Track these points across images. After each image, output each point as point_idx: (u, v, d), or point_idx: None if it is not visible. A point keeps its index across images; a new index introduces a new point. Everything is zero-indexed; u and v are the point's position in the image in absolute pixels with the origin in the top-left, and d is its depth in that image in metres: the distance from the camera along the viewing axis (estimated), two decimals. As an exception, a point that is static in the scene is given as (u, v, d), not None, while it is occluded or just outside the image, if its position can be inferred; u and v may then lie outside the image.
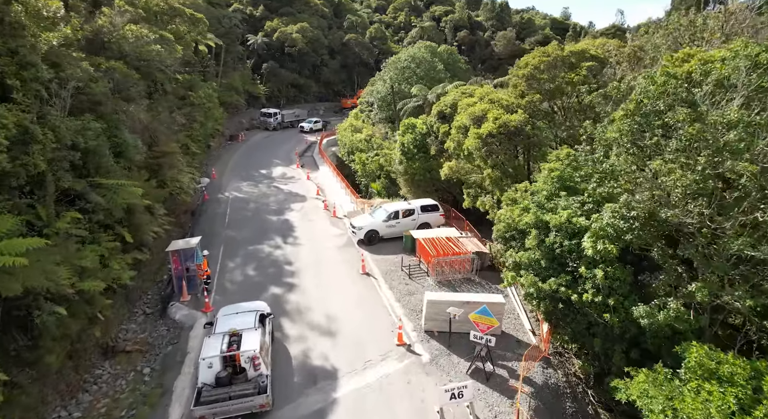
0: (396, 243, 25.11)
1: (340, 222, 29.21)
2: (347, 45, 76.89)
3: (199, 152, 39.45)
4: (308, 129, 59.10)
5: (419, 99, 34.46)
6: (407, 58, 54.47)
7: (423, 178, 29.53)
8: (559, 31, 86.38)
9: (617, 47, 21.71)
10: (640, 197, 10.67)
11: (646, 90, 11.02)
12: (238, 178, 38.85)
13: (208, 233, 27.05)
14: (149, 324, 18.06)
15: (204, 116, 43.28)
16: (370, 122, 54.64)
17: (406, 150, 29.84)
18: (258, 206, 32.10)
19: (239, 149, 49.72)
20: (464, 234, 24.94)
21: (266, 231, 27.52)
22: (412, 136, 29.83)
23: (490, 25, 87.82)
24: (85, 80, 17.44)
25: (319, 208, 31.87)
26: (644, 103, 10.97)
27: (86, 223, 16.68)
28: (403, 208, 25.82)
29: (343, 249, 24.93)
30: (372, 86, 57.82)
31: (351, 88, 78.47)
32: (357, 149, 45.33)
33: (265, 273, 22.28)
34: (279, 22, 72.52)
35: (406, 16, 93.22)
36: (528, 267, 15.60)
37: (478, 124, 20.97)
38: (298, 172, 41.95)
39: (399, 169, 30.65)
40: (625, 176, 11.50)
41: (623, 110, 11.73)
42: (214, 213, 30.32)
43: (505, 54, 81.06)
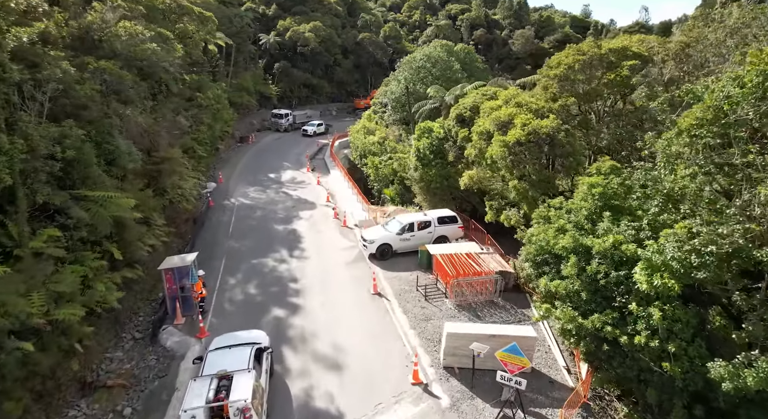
0: (410, 258, 22.99)
1: (351, 232, 27.18)
2: (361, 44, 74.93)
3: (206, 155, 37.83)
4: (312, 133, 55.74)
5: (436, 101, 32.23)
6: (422, 58, 52.26)
7: (440, 186, 27.34)
8: (579, 29, 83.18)
9: (661, 44, 19.25)
10: (726, 230, 8.42)
11: (728, 94, 8.74)
12: (245, 182, 37.08)
13: (210, 244, 25.26)
14: (137, 351, 16.23)
15: (212, 118, 41.65)
16: (384, 124, 52.59)
17: (421, 155, 27.68)
18: (265, 214, 30.23)
19: (249, 151, 48.04)
20: (485, 249, 22.71)
21: (272, 242, 25.62)
22: (429, 141, 27.65)
23: (508, 24, 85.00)
24: (67, 82, 15.67)
25: (328, 217, 29.88)
26: (727, 110, 8.70)
27: (67, 241, 14.91)
28: (418, 219, 23.67)
29: (353, 264, 22.89)
30: (386, 86, 55.76)
31: (364, 89, 76.50)
32: (370, 152, 43.31)
33: (267, 291, 20.34)
34: (292, 21, 70.83)
35: (422, 15, 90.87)
36: (565, 299, 13.37)
37: (503, 130, 18.73)
38: (308, 176, 40.06)
39: (414, 175, 28.50)
40: (700, 202, 9.22)
41: (694, 119, 9.45)
42: (218, 222, 28.52)
43: (523, 53, 78.35)
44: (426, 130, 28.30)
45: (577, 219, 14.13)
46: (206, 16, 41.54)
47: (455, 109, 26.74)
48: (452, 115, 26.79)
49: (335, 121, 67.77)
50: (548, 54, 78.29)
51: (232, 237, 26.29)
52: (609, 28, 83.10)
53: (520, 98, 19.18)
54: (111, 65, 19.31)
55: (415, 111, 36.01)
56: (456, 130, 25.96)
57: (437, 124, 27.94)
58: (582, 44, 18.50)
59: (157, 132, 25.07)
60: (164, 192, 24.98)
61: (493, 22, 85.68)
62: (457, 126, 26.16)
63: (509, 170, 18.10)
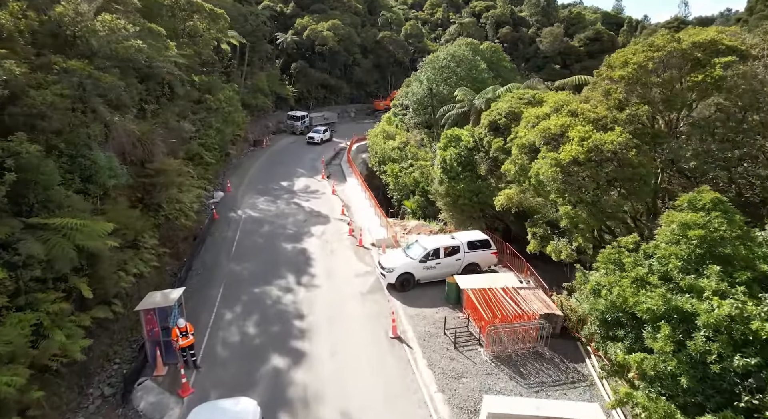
0: (436, 290, 19.60)
1: (367, 254, 23.89)
2: (381, 43, 71.58)
3: (214, 162, 35.05)
4: (319, 140, 50.38)
5: (464, 105, 28.64)
6: (446, 57, 48.57)
7: (468, 202, 23.81)
8: (612, 25, 78.11)
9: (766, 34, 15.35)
10: None
11: None
12: (255, 191, 34.15)
13: (209, 266, 22.29)
14: (104, 415, 13.23)
15: (222, 121, 38.89)
16: (404, 127, 49.18)
17: (448, 167, 24.19)
18: (273, 229, 27.16)
19: (262, 156, 45.18)
20: (525, 281, 19.13)
21: (278, 265, 22.52)
22: (456, 151, 24.14)
23: (535, 21, 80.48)
24: (17, 86, 12.77)
25: (343, 233, 26.65)
26: None
27: (15, 283, 11.99)
28: (445, 244, 20.21)
29: (368, 296, 19.58)
30: (407, 87, 52.30)
31: (384, 89, 73.16)
32: (389, 159, 39.97)
33: (268, 331, 17.19)
34: (310, 20, 67.89)
35: (444, 13, 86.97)
36: (653, 382, 9.79)
37: (553, 143, 15.14)
38: (322, 185, 36.93)
39: (438, 189, 25.04)
40: None
41: None
42: (221, 239, 25.55)
43: (552, 52, 73.85)
44: (453, 138, 24.79)
45: (664, 268, 10.51)
46: (217, 14, 38.73)
47: (487, 114, 23.16)
48: (484, 122, 23.22)
49: (353, 124, 64.72)
50: (578, 53, 73.79)
51: (234, 258, 23.26)
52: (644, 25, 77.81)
53: (573, 105, 15.54)
54: (84, 65, 16.34)
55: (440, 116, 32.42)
56: (489, 140, 22.40)
57: (466, 132, 24.41)
58: (655, 37, 14.77)
59: (153, 140, 22.18)
60: (159, 208, 22.11)
61: (519, 19, 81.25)
62: (490, 134, 22.59)
63: (561, 193, 14.52)
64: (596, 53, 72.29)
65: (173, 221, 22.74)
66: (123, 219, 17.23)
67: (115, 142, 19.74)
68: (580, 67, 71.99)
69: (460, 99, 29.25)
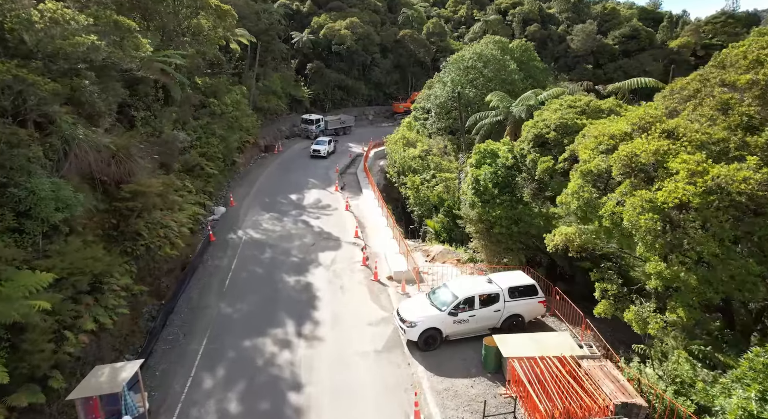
0: (468, 348, 15.44)
1: (384, 292, 19.81)
2: (401, 42, 67.22)
3: (216, 172, 31.35)
4: (325, 153, 43.71)
5: (500, 113, 24.15)
6: (472, 56, 44.19)
7: (506, 231, 19.46)
8: (649, 22, 72.02)
9: None
10: None
11: None
12: (260, 206, 30.37)
13: (194, 307, 18.49)
14: None
15: (227, 127, 35.26)
16: (426, 133, 44.87)
17: (481, 189, 19.87)
18: (275, 256, 23.29)
19: (272, 164, 41.46)
20: (586, 346, 14.72)
21: (276, 306, 18.62)
22: (492, 170, 19.80)
23: (565, 18, 74.97)
24: None
25: (355, 262, 22.63)
26: None
27: None
28: (480, 290, 15.94)
29: (384, 356, 15.48)
30: (429, 89, 48.01)
31: (404, 91, 68.84)
32: (409, 169, 35.74)
33: (255, 409, 13.24)
34: (327, 18, 64.05)
35: (468, 10, 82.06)
36: None
37: (642, 176, 10.74)
38: (335, 198, 32.97)
39: (470, 214, 20.75)
40: None
41: None
42: (214, 268, 21.77)
43: (584, 50, 68.38)
44: (488, 153, 20.45)
45: None
46: (224, 10, 35.06)
47: (531, 126, 18.76)
48: (526, 135, 18.85)
49: (371, 127, 60.68)
50: (613, 51, 68.11)
51: (226, 295, 19.44)
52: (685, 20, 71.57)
53: (671, 123, 11.07)
54: (10, 67, 12.50)
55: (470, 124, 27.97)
56: (533, 158, 18.02)
57: (504, 147, 20.04)
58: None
59: (132, 155, 18.47)
60: (138, 236, 18.39)
61: (548, 16, 75.87)
62: (535, 151, 18.21)
63: (656, 249, 10.13)
64: (632, 52, 66.61)
65: (155, 251, 19.01)
66: (77, 260, 13.51)
67: (79, 160, 16.06)
68: (615, 67, 66.56)
69: (494, 106, 24.72)
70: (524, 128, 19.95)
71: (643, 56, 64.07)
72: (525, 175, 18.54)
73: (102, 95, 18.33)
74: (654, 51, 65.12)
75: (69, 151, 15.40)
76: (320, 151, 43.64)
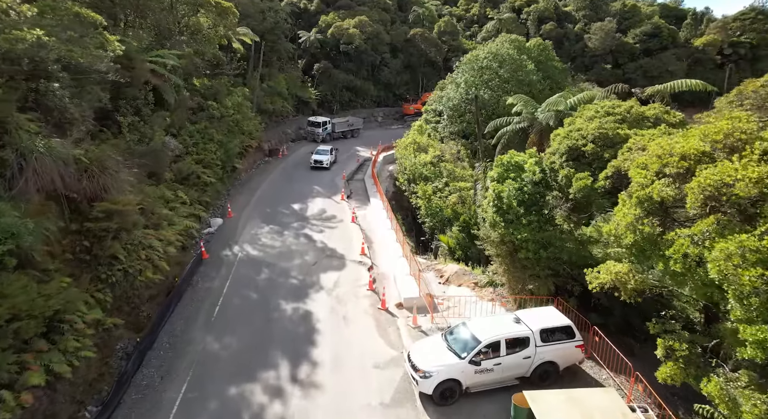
0: (493, 403, 12.89)
1: (393, 324, 17.33)
2: (412, 41, 64.57)
3: (214, 180, 29.09)
4: (327, 164, 39.12)
5: (523, 118, 21.42)
6: (487, 56, 41.51)
7: (533, 256, 16.82)
8: (671, 19, 68.44)
9: None
10: None
11: None
12: (260, 217, 28.05)
13: (176, 341, 16.17)
14: None
15: (227, 131, 33.03)
16: (438, 137, 42.27)
17: (504, 207, 17.26)
18: (272, 277, 20.92)
19: (275, 169, 39.18)
20: (639, 409, 12.06)
21: (270, 341, 16.22)
22: (517, 185, 17.16)
23: (582, 16, 71.72)
24: None
25: (361, 285, 20.19)
26: None
27: None
28: (506, 333, 13.39)
29: (392, 412, 12.97)
30: (441, 91, 45.37)
31: (415, 92, 66.21)
32: (420, 177, 33.18)
33: (234, 485, 10.86)
34: (335, 16, 61.65)
35: (481, 8, 79.13)
36: None
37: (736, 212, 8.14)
38: (341, 208, 30.57)
39: (491, 235, 18.15)
40: None
41: None
42: (203, 292, 19.44)
43: (602, 50, 65.21)
44: (512, 166, 17.82)
45: None
46: (224, 7, 32.82)
47: (564, 137, 16.14)
48: (558, 146, 16.23)
49: (380, 130, 58.22)
50: (633, 50, 64.75)
51: (214, 327, 17.08)
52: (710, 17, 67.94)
53: None
54: None
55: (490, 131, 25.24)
56: (567, 173, 15.40)
57: (531, 159, 17.39)
58: None
59: (106, 168, 16.17)
60: (114, 260, 16.11)
61: (564, 14, 72.71)
62: (569, 166, 15.56)
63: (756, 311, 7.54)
64: (654, 51, 63.22)
65: (135, 277, 16.70)
66: (22, 302, 11.20)
67: (41, 176, 13.76)
68: (635, 67, 63.30)
69: (518, 111, 21.98)
70: (554, 138, 17.32)
71: (665, 55, 60.71)
72: (556, 193, 15.91)
73: (74, 100, 16.06)
74: (677, 49, 61.71)
75: (26, 166, 13.12)
76: (322, 161, 38.95)
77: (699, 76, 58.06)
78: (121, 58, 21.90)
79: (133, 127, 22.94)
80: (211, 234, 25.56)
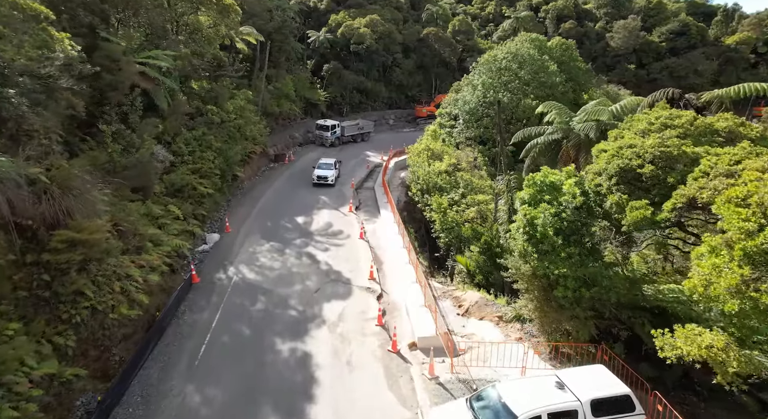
0: None
1: (405, 372, 14.65)
2: (425, 41, 61.67)
3: (212, 191, 26.63)
4: (332, 180, 34.18)
5: (556, 129, 18.43)
6: (506, 56, 38.55)
7: (572, 295, 13.96)
8: (699, 16, 64.52)
9: None
10: None
11: None
12: (260, 232, 25.55)
13: (150, 393, 13.65)
14: None
15: (227, 138, 30.61)
16: (453, 142, 39.43)
17: (538, 235, 14.43)
18: (269, 309, 18.35)
19: (280, 177, 36.67)
20: None
21: (261, 393, 13.66)
22: (553, 210, 14.31)
23: (603, 14, 68.10)
24: None
25: (369, 320, 17.55)
26: None
27: None
28: (548, 404, 10.60)
29: None
30: (456, 93, 42.48)
31: (428, 93, 63.32)
32: (435, 187, 30.40)
33: None
34: (345, 15, 59.00)
35: (497, 6, 75.90)
36: None
37: None
38: (348, 221, 27.97)
39: (521, 268, 15.33)
40: None
41: None
42: (188, 327, 16.93)
43: (625, 49, 61.64)
44: (545, 187, 14.98)
45: None
46: (225, 5, 30.36)
47: (613, 155, 13.26)
48: (605, 167, 13.36)
49: (392, 133, 55.49)
50: (658, 49, 61.06)
51: (197, 373, 14.55)
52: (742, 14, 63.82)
53: None
54: None
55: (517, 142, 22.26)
56: (619, 200, 12.51)
57: (570, 180, 14.53)
58: None
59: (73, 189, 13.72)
60: (80, 297, 13.67)
61: (584, 12, 69.17)
62: (620, 190, 12.69)
63: None
64: (681, 50, 59.46)
65: (106, 314, 14.25)
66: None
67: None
68: (660, 67, 59.61)
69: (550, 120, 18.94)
70: (597, 154, 14.45)
71: (693, 54, 56.97)
72: (604, 224, 13.04)
73: (36, 108, 13.64)
74: (706, 48, 57.91)
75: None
76: (327, 177, 33.84)
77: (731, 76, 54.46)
78: (104, 60, 19.60)
79: (119, 135, 20.57)
80: (206, 252, 23.10)
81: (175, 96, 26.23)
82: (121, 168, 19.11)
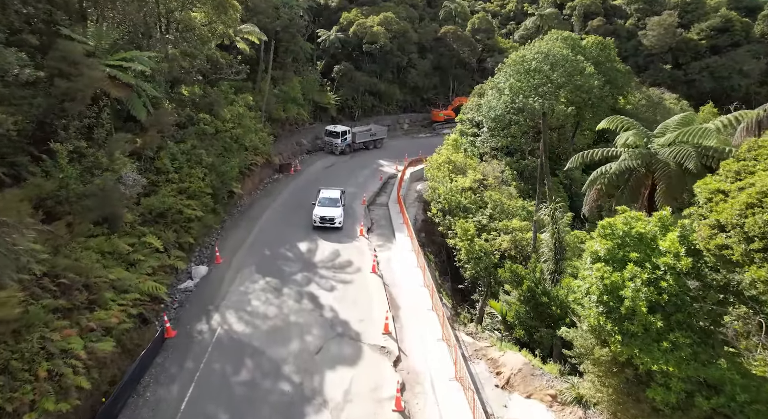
0: None
1: None
2: (442, 40, 57.14)
3: (202, 214, 22.66)
4: (339, 221, 25.67)
5: (633, 156, 13.63)
6: (536, 57, 33.93)
7: (674, 396, 9.56)
8: (742, 11, 58.76)
9: None
10: None
11: None
12: (255, 264, 21.53)
13: None
14: None
15: (223, 150, 26.67)
16: (476, 152, 35.01)
17: (624, 310, 10.03)
18: (255, 381, 14.25)
19: (284, 191, 32.62)
20: None
21: None
22: (645, 275, 9.92)
23: (635, 10, 62.79)
24: None
25: (383, 400, 13.39)
26: None
27: None
28: None
29: None
30: (479, 98, 38.04)
31: (445, 96, 58.80)
32: (459, 207, 26.07)
33: None
34: (358, 13, 54.78)
35: (518, 3, 70.96)
36: None
37: None
38: (359, 249, 23.82)
39: (594, 350, 10.96)
40: None
41: None
42: (149, 412, 12.89)
43: (659, 48, 56.38)
44: (630, 240, 10.59)
45: None
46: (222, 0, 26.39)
47: (743, 202, 8.81)
48: (730, 220, 8.94)
49: (407, 139, 51.31)
50: (698, 48, 55.64)
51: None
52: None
53: None
54: None
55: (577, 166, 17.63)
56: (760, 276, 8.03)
57: (671, 234, 10.12)
58: None
59: None
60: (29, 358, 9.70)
61: (612, 8, 63.98)
62: (762, 259, 8.21)
63: None
64: (723, 48, 53.99)
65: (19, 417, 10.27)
66: None
67: None
68: (699, 67, 54.22)
69: (624, 143, 14.29)
70: (718, 202, 10.07)
71: (737, 53, 51.56)
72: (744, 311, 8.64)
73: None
74: (752, 46, 52.40)
75: None
76: (334, 218, 25.42)
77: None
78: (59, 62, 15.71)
79: (79, 154, 16.67)
80: (190, 291, 19.18)
81: (159, 104, 22.32)
82: (76, 197, 15.18)
